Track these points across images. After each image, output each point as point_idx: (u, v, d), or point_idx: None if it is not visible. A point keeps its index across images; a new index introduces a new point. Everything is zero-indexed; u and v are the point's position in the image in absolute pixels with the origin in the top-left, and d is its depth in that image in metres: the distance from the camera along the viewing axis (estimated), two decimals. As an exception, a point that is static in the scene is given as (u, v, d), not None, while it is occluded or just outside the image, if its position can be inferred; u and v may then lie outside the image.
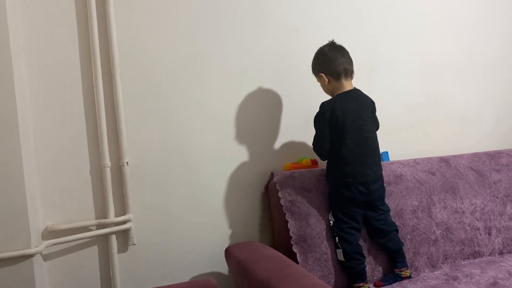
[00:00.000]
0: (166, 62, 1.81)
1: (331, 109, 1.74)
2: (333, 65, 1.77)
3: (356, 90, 1.81)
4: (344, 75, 1.77)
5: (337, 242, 1.75)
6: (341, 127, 1.73)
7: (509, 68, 2.53)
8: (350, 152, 1.73)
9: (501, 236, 2.04)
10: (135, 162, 1.76)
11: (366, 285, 1.70)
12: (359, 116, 1.75)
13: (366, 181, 1.73)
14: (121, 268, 1.76)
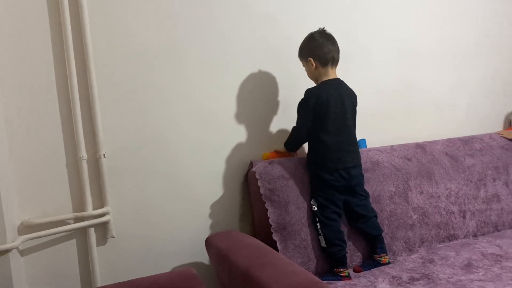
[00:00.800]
0: (142, 52, 1.78)
1: (316, 95, 1.76)
2: (323, 51, 1.79)
3: (339, 80, 1.83)
4: (331, 63, 1.80)
5: (319, 229, 1.77)
6: (325, 114, 1.76)
7: (482, 56, 2.58)
8: (332, 139, 1.76)
9: (475, 219, 2.10)
10: (113, 154, 1.74)
11: (346, 270, 1.73)
12: (342, 104, 1.78)
13: (346, 167, 1.77)
14: (101, 261, 1.74)
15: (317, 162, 1.81)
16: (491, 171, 2.23)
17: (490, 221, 2.14)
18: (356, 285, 1.62)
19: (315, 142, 1.81)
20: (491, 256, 1.78)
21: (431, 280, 1.59)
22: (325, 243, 1.75)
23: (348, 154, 1.78)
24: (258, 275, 1.32)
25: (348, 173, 1.78)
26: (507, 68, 2.63)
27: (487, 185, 2.19)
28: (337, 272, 1.72)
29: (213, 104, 1.93)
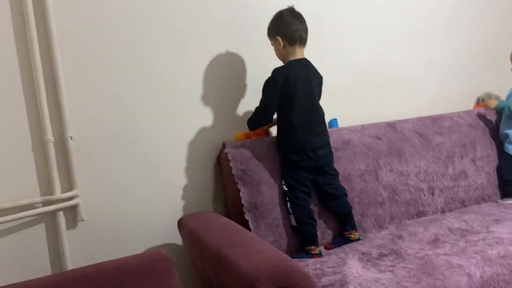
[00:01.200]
0: (107, 29, 1.73)
1: (285, 75, 1.75)
2: (290, 30, 1.77)
3: (307, 60, 1.82)
4: (299, 42, 1.78)
5: (289, 208, 1.79)
6: (293, 94, 1.74)
7: (451, 35, 2.61)
8: (299, 120, 1.76)
9: (443, 196, 2.16)
10: (80, 136, 1.70)
11: (317, 248, 1.76)
12: (310, 85, 1.77)
13: (314, 148, 1.77)
14: (71, 245, 1.72)
15: (285, 144, 1.81)
16: (459, 148, 2.28)
17: (458, 197, 2.20)
18: (326, 262, 1.65)
19: (283, 123, 1.81)
20: (457, 231, 1.84)
21: (399, 255, 1.63)
22: (295, 222, 1.77)
23: (316, 135, 1.79)
24: (228, 255, 1.33)
25: (316, 154, 1.78)
26: (476, 47, 2.67)
27: (455, 163, 2.24)
28: (308, 250, 1.75)
29: (184, 84, 1.90)
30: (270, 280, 1.17)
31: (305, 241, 1.78)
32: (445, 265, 1.51)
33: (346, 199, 1.87)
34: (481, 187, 2.27)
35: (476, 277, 1.45)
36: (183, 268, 1.91)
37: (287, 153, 1.80)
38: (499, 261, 1.53)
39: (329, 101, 1.87)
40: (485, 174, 2.30)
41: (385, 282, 1.42)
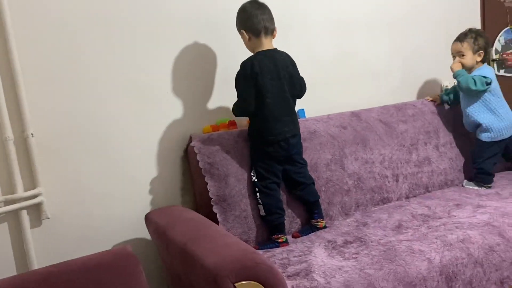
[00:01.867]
0: (67, 23, 1.70)
1: (250, 66, 1.75)
2: (253, 22, 1.77)
3: (275, 50, 1.82)
4: (264, 33, 1.78)
5: (258, 198, 1.81)
6: (261, 85, 1.75)
7: (415, 24, 2.65)
8: (270, 110, 1.76)
9: (407, 182, 2.21)
10: (41, 133, 1.67)
11: (283, 236, 1.79)
12: (278, 75, 1.78)
13: (285, 137, 1.79)
14: (36, 243, 1.70)
15: (257, 134, 1.82)
16: (422, 135, 2.33)
17: (422, 183, 2.26)
18: (293, 250, 1.68)
19: (254, 114, 1.81)
20: (420, 216, 1.89)
21: (363, 242, 1.67)
22: (264, 212, 1.79)
23: (286, 124, 1.80)
24: (194, 249, 1.34)
25: (287, 143, 1.80)
26: (439, 35, 2.72)
27: (419, 149, 2.30)
28: (275, 238, 1.77)
29: (147, 78, 1.88)
30: (234, 274, 1.19)
31: (272, 230, 1.80)
32: (407, 251, 1.56)
33: (314, 188, 1.91)
34: (444, 173, 2.34)
35: (435, 262, 1.51)
36: (152, 264, 1.91)
37: (259, 143, 1.81)
38: (458, 245, 1.59)
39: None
40: (448, 159, 2.37)
41: (349, 269, 1.46)
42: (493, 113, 2.26)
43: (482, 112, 2.27)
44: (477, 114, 2.27)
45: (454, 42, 2.38)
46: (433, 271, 1.48)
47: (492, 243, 1.63)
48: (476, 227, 1.71)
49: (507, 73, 3.11)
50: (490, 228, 1.70)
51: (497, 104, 2.27)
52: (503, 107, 2.30)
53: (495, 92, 2.28)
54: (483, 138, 2.29)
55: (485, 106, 2.26)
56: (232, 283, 1.18)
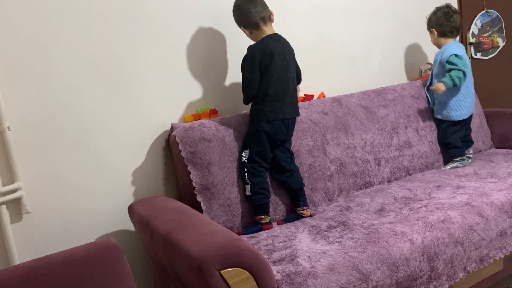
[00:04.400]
0: (41, 14, 1.65)
1: (261, 50, 1.80)
2: (249, 17, 1.82)
3: (278, 34, 1.87)
4: (262, 23, 1.83)
5: (246, 178, 1.82)
6: (269, 66, 1.79)
7: (392, 8, 2.66)
8: (274, 89, 1.80)
9: (389, 166, 2.24)
10: (18, 126, 1.64)
11: (267, 217, 1.81)
12: (284, 56, 1.83)
13: (286, 118, 1.83)
14: (17, 238, 1.67)
15: (259, 113, 1.83)
16: (403, 119, 2.36)
17: (403, 166, 2.29)
18: (277, 236, 1.69)
19: (259, 92, 1.82)
20: (402, 199, 1.92)
21: (347, 226, 1.69)
22: (250, 191, 1.81)
23: (287, 105, 1.84)
24: (178, 238, 1.33)
25: (287, 126, 1.84)
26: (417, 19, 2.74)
27: (400, 133, 2.32)
28: (259, 219, 1.79)
29: (125, 68, 1.85)
30: (219, 261, 1.19)
31: (256, 210, 1.82)
32: (389, 233, 1.58)
33: (299, 176, 1.92)
34: (425, 155, 2.38)
35: (417, 242, 1.53)
36: (136, 254, 1.91)
37: (260, 122, 1.82)
38: (439, 226, 1.62)
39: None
40: (428, 142, 2.40)
41: (333, 253, 1.47)
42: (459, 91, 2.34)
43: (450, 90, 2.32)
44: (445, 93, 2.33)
45: None
46: (415, 252, 1.51)
47: (471, 222, 1.67)
48: (456, 208, 1.74)
49: (483, 56, 3.16)
50: (470, 208, 1.74)
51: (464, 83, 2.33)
52: (468, 87, 2.37)
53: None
54: (450, 117, 2.37)
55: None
56: (218, 271, 1.19)
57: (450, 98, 2.35)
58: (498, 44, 3.17)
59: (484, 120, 2.67)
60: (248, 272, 1.23)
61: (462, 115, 2.36)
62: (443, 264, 1.56)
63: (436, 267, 1.54)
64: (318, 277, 1.35)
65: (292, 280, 1.33)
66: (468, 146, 2.46)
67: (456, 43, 2.40)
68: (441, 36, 2.42)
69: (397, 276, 1.45)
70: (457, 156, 2.37)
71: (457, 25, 2.41)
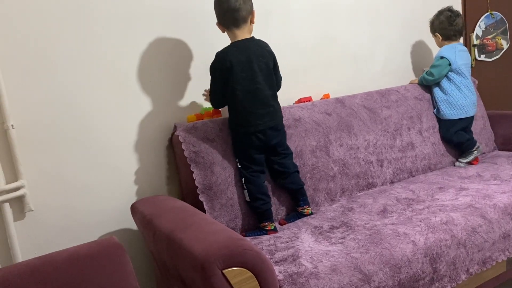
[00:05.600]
0: (44, 13, 1.66)
1: (221, 61, 1.72)
2: (221, 14, 1.73)
3: (250, 40, 1.75)
4: (233, 24, 1.72)
5: (243, 184, 1.81)
6: (231, 78, 1.71)
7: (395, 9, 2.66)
8: (240, 103, 1.73)
9: (392, 167, 2.24)
10: (22, 124, 1.64)
11: (271, 224, 1.79)
12: (250, 67, 1.72)
13: (259, 130, 1.75)
14: (20, 236, 1.67)
15: (233, 126, 1.81)
16: (406, 121, 2.36)
17: (406, 167, 2.29)
18: (280, 237, 1.69)
19: (229, 106, 1.80)
20: (404, 200, 1.92)
21: (349, 227, 1.69)
22: (249, 197, 1.80)
23: (259, 117, 1.74)
24: (181, 237, 1.33)
25: (264, 135, 1.76)
26: (420, 20, 2.74)
27: (403, 134, 2.32)
28: (263, 226, 1.78)
29: (129, 67, 1.85)
30: (222, 260, 1.19)
31: (259, 217, 1.81)
32: (392, 234, 1.58)
33: (297, 176, 1.90)
34: (428, 157, 2.37)
35: (420, 244, 1.53)
36: (139, 253, 1.91)
37: (236, 134, 1.81)
38: (442, 228, 1.62)
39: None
40: (431, 144, 2.40)
41: (335, 254, 1.47)
42: (459, 89, 2.40)
43: (448, 88, 2.40)
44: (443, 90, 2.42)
45: None
46: (417, 253, 1.50)
47: (474, 224, 1.67)
48: (459, 209, 1.74)
49: (487, 58, 3.15)
50: (472, 210, 1.74)
51: (461, 82, 2.40)
52: (467, 86, 2.41)
53: (458, 70, 2.40)
54: (449, 116, 2.40)
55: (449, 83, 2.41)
56: (220, 270, 1.19)
57: (444, 97, 2.42)
58: (502, 46, 3.16)
59: (488, 122, 2.67)
60: (250, 272, 1.23)
61: (455, 114, 2.40)
62: (446, 266, 1.55)
63: (438, 269, 1.53)
64: (320, 277, 1.34)
65: (294, 280, 1.33)
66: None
67: (453, 46, 2.43)
68: (445, 39, 2.47)
69: (400, 278, 1.44)
70: (473, 147, 2.41)
71: (460, 28, 2.46)
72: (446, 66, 2.38)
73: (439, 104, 2.42)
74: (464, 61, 2.42)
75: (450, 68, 2.38)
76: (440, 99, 2.42)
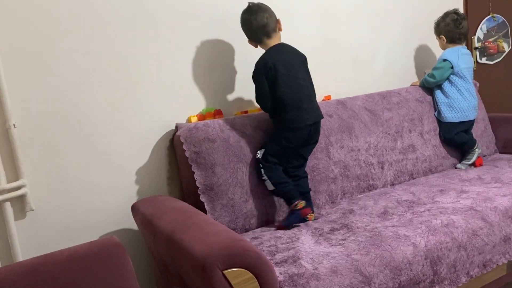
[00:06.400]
0: (48, 12, 1.66)
1: (263, 63, 1.80)
2: (252, 30, 1.84)
3: (282, 44, 1.87)
4: (264, 36, 1.83)
5: (263, 174, 1.83)
6: (277, 77, 1.79)
7: (397, 11, 2.66)
8: (288, 99, 1.79)
9: (393, 169, 2.24)
10: (24, 124, 1.64)
11: (301, 201, 1.79)
12: (291, 65, 1.82)
13: (306, 125, 1.81)
14: (21, 235, 1.68)
15: (281, 122, 1.83)
16: (407, 123, 2.36)
17: (406, 170, 2.29)
18: (280, 238, 1.68)
19: (276, 104, 1.83)
20: (405, 202, 1.92)
21: (350, 229, 1.69)
22: (272, 184, 1.82)
23: (307, 112, 1.82)
24: (181, 238, 1.33)
25: (309, 131, 1.83)
26: (422, 22, 2.74)
27: (404, 137, 2.32)
28: (294, 207, 1.78)
29: (131, 67, 1.85)
30: (222, 261, 1.19)
31: (287, 199, 1.82)
32: (393, 236, 1.58)
33: (307, 182, 1.93)
34: (429, 159, 2.37)
35: (420, 246, 1.53)
36: (139, 253, 1.91)
37: (282, 130, 1.83)
38: (442, 230, 1.62)
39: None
40: (432, 146, 2.40)
41: (336, 255, 1.47)
42: (460, 92, 2.40)
43: (450, 91, 2.41)
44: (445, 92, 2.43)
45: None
46: (418, 256, 1.50)
47: (475, 227, 1.67)
48: (460, 212, 1.74)
49: (488, 61, 3.15)
50: (473, 212, 1.74)
51: (462, 85, 2.41)
52: (468, 90, 2.42)
53: (460, 74, 2.40)
54: (449, 119, 2.41)
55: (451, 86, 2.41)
56: (221, 271, 1.19)
57: (445, 99, 2.42)
58: (504, 49, 3.16)
59: (489, 125, 2.67)
60: (251, 273, 1.23)
61: (455, 117, 2.40)
62: (446, 269, 1.55)
63: (439, 271, 1.53)
64: (321, 279, 1.34)
65: (295, 282, 1.33)
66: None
67: (457, 49, 2.43)
68: (449, 42, 2.47)
69: (400, 280, 1.44)
70: (473, 146, 2.41)
71: (466, 31, 2.47)
72: (448, 69, 2.38)
73: (440, 107, 2.43)
74: (466, 64, 2.42)
75: (452, 71, 2.39)
76: (441, 102, 2.42)
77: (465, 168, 2.38)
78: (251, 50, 1.94)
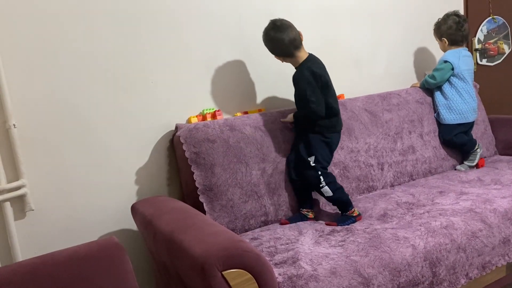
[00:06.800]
0: (48, 13, 1.66)
1: (311, 72, 1.84)
2: (282, 49, 1.86)
3: (313, 54, 1.92)
4: (295, 49, 1.86)
5: (322, 181, 1.84)
6: (324, 84, 1.85)
7: (398, 12, 2.66)
8: (335, 103, 1.89)
9: (392, 170, 2.24)
10: (24, 124, 1.65)
11: (355, 210, 1.83)
12: (326, 74, 1.89)
13: (340, 130, 1.95)
14: (21, 235, 1.68)
15: (325, 127, 1.87)
16: (407, 124, 2.36)
17: (406, 171, 2.29)
18: (280, 238, 1.68)
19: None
20: (405, 204, 1.92)
21: (349, 231, 1.69)
22: (331, 191, 1.83)
23: (340, 119, 1.94)
24: (181, 238, 1.34)
25: (339, 135, 1.94)
26: (423, 23, 2.74)
27: (404, 138, 2.32)
28: (350, 214, 1.81)
29: (131, 67, 1.86)
30: (221, 262, 1.19)
31: (344, 206, 1.84)
32: (392, 238, 1.58)
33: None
34: (428, 161, 2.37)
35: (419, 248, 1.53)
36: (139, 254, 1.91)
37: (324, 134, 1.88)
38: (442, 232, 1.62)
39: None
40: (431, 148, 2.40)
41: (335, 256, 1.47)
42: (459, 94, 2.41)
43: (449, 93, 2.42)
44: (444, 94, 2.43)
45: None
46: (417, 257, 1.50)
47: (474, 229, 1.67)
48: (459, 214, 1.74)
49: (489, 62, 3.15)
50: (473, 214, 1.74)
51: (462, 87, 2.41)
52: (468, 92, 2.42)
53: (461, 75, 2.41)
54: (448, 120, 2.41)
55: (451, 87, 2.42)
56: (220, 271, 1.19)
57: (444, 101, 2.43)
58: (504, 50, 3.16)
59: (489, 127, 2.67)
60: (250, 274, 1.23)
61: (454, 119, 2.40)
62: (445, 270, 1.55)
63: (438, 273, 1.53)
64: (320, 280, 1.35)
65: (294, 283, 1.33)
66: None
67: (458, 50, 2.43)
68: (451, 44, 2.46)
69: (399, 281, 1.44)
70: (474, 146, 2.41)
71: (467, 33, 2.47)
72: (449, 70, 2.38)
73: (439, 108, 2.43)
74: (467, 66, 2.42)
75: (453, 73, 2.39)
76: (441, 103, 2.42)
77: (465, 170, 2.38)
78: (252, 51, 1.95)
